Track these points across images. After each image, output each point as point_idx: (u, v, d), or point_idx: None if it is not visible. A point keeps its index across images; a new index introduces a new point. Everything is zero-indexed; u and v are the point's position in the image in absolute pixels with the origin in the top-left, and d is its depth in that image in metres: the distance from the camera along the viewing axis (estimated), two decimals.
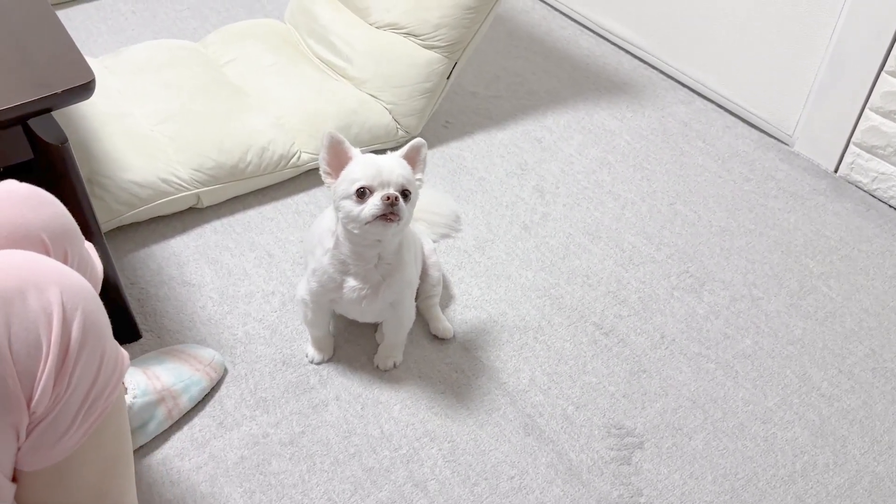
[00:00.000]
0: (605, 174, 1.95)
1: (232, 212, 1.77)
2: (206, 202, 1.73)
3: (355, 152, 1.25)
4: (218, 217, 1.75)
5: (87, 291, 0.76)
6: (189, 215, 1.74)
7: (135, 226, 1.69)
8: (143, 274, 1.60)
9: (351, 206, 1.19)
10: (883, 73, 1.76)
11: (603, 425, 1.37)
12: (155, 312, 1.52)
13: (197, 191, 1.70)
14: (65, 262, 0.88)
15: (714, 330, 1.55)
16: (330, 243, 1.29)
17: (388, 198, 1.16)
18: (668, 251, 1.73)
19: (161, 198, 1.66)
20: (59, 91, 1.12)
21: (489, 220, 1.79)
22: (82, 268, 0.92)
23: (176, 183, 1.67)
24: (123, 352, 0.83)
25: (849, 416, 1.41)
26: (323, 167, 1.25)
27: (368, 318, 1.44)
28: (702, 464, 1.32)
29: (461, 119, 2.12)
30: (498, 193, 1.87)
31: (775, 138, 2.09)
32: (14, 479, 0.79)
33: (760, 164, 2.00)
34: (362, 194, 1.18)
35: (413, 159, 1.25)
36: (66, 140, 1.18)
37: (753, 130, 2.12)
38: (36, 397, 0.72)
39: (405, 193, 1.19)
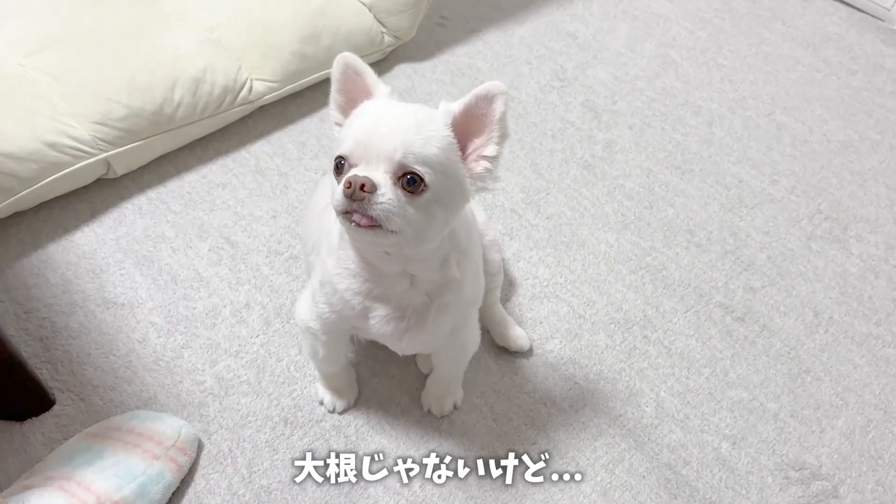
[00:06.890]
0: (673, 77, 1.45)
1: (161, 180, 1.23)
2: (119, 170, 1.22)
3: (379, 89, 0.71)
4: (141, 190, 1.21)
5: None
6: (98, 192, 1.21)
7: (17, 219, 1.14)
8: (40, 294, 1.04)
9: (333, 185, 0.69)
10: None
11: (775, 467, 0.94)
12: (69, 358, 0.98)
13: (105, 154, 1.17)
14: None
15: (878, 295, 1.13)
16: (335, 238, 0.77)
17: (350, 184, 0.65)
18: (787, 183, 1.27)
19: (52, 172, 1.14)
20: None
21: (534, 159, 1.28)
22: None
23: (71, 147, 1.13)
24: None
25: None
26: (333, 111, 0.76)
27: (412, 351, 0.95)
28: None
29: (461, 13, 1.56)
30: (537, 119, 1.35)
31: (867, 13, 1.62)
32: None
33: (861, 50, 1.54)
34: (340, 168, 0.69)
35: (480, 117, 0.69)
36: None
37: (839, 4, 1.64)
38: None
39: (411, 178, 0.66)
